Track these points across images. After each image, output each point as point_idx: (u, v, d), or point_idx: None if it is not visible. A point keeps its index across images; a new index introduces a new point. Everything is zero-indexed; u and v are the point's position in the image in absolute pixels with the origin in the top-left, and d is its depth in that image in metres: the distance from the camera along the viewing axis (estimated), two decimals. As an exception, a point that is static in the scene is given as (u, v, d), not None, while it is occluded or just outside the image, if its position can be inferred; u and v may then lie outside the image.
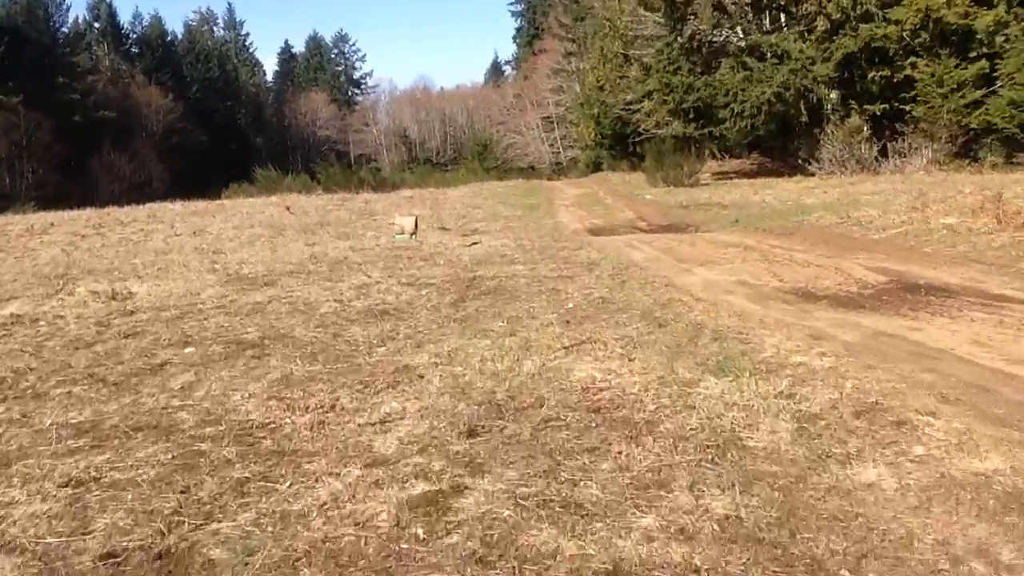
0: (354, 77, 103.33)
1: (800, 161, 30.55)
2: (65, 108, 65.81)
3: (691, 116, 28.53)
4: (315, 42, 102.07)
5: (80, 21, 74.21)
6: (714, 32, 30.12)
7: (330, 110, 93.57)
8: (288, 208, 25.26)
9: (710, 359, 5.03)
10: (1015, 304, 6.03)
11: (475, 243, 13.14)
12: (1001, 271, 7.51)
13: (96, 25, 75.01)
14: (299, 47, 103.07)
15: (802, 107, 27.23)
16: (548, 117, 68.93)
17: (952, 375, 4.30)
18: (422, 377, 5.44)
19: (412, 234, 15.50)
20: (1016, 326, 5.27)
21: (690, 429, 3.78)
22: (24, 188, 63.23)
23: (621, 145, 41.01)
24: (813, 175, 27.36)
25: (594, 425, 4.05)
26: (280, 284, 10.00)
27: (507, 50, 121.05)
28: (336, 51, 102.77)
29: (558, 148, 68.14)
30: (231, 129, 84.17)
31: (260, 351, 6.50)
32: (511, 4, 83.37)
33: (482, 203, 24.91)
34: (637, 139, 39.42)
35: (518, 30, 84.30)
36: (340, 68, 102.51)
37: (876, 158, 26.25)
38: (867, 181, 22.76)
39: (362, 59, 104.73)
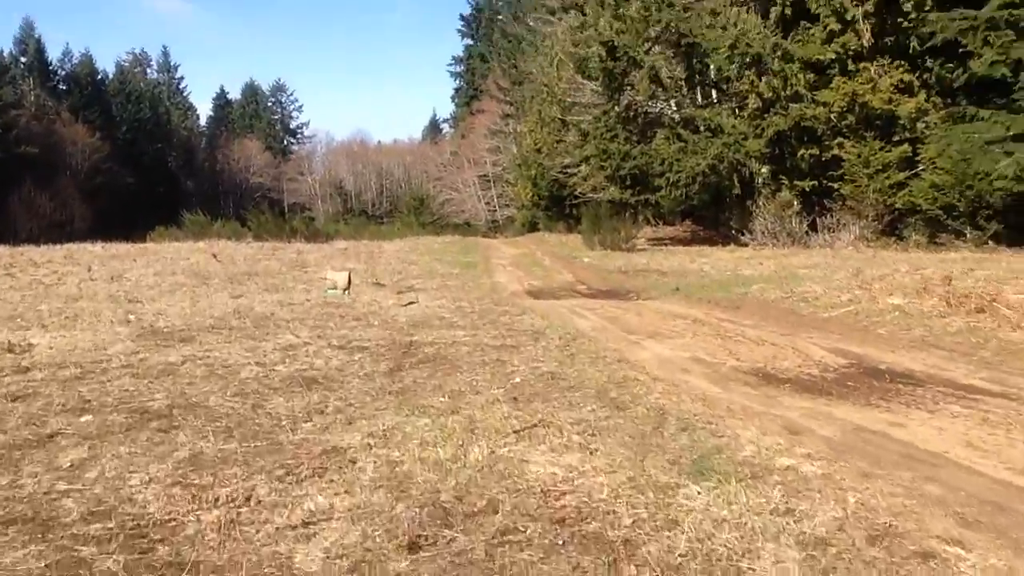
0: (290, 126, 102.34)
1: (732, 231, 30.92)
2: (-17, 142, 63.06)
3: (628, 183, 28.58)
4: (252, 89, 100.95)
5: (5, 54, 71.69)
6: (650, 103, 30.48)
7: (264, 158, 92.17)
8: (215, 256, 24.16)
9: (683, 456, 4.43)
10: (990, 397, 5.65)
11: (412, 302, 12.43)
12: (965, 359, 7.18)
13: (23, 59, 72.54)
14: (235, 94, 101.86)
15: (735, 179, 27.55)
16: (485, 175, 69.10)
17: (960, 488, 3.79)
18: (354, 463, 4.71)
19: (345, 290, 14.71)
20: (1004, 425, 4.85)
21: (679, 555, 3.15)
22: (-65, 222, 60.08)
23: (558, 206, 41.04)
24: (746, 245, 27.59)
25: (561, 543, 3.38)
26: (198, 341, 9.11)
27: (445, 109, 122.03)
28: (273, 100, 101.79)
29: (494, 206, 68.20)
30: (161, 172, 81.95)
31: (168, 423, 5.66)
32: (450, 65, 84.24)
33: (418, 259, 24.24)
34: (574, 201, 39.51)
35: (457, 90, 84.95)
36: (276, 117, 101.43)
37: (806, 232, 26.63)
38: (799, 254, 22.92)
39: (299, 109, 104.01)
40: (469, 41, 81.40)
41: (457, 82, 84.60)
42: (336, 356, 7.89)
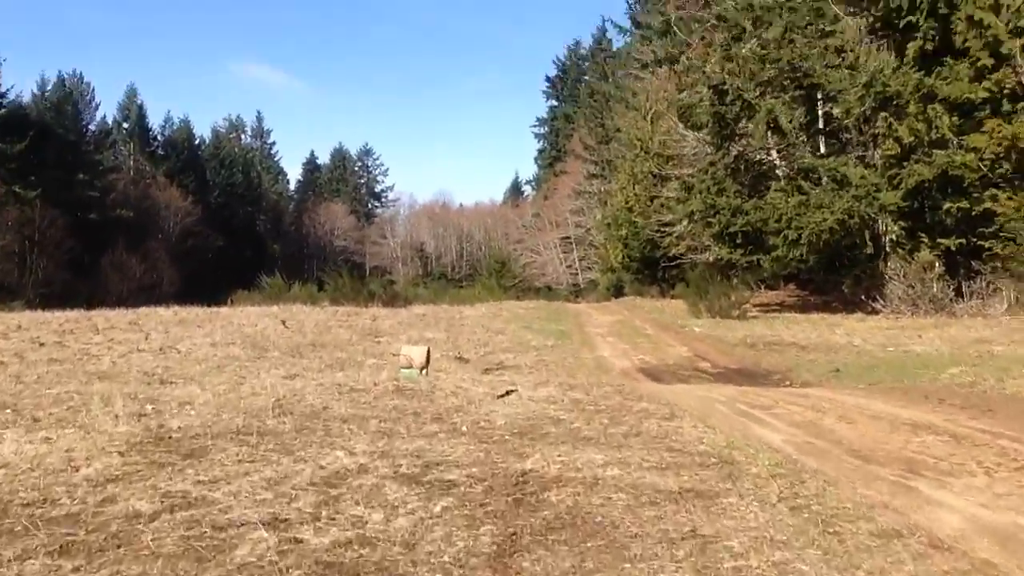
0: (375, 190, 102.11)
1: (855, 297, 26.96)
2: (82, 205, 63.59)
3: (738, 241, 25.07)
4: (340, 154, 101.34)
5: (109, 120, 73.12)
6: (761, 153, 27.12)
7: (349, 221, 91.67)
8: (284, 322, 21.55)
9: None
10: None
11: (509, 391, 9.22)
12: None
13: (125, 125, 73.81)
14: (324, 158, 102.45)
15: (866, 237, 23.75)
16: (567, 238, 66.30)
17: None
18: None
19: (423, 369, 11.64)
20: None
21: None
22: (32, 284, 60.27)
23: (649, 269, 37.68)
24: (876, 313, 23.64)
25: None
26: (208, 459, 6.10)
27: (528, 171, 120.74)
28: (359, 164, 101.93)
29: (576, 269, 65.16)
30: (249, 235, 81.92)
31: None
32: (534, 126, 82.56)
33: (504, 327, 21.15)
34: (667, 264, 36.08)
35: (540, 151, 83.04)
36: (362, 180, 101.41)
37: (951, 298, 22.56)
38: (953, 324, 19.01)
39: (384, 173, 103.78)
40: (554, 102, 79.77)
41: (541, 143, 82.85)
42: (404, 504, 4.72)
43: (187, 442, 6.83)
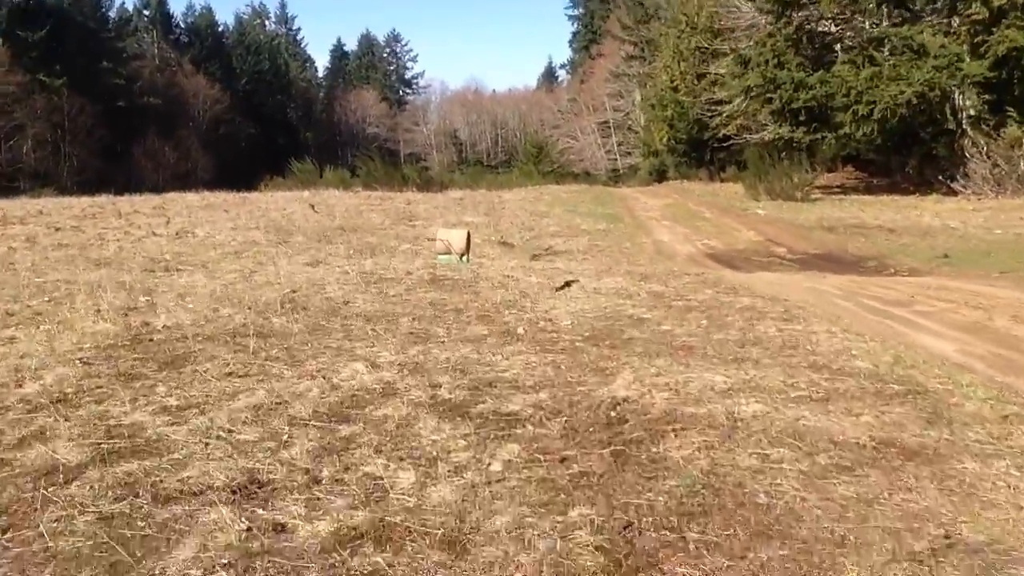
0: (405, 77, 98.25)
1: (925, 177, 24.58)
2: (110, 93, 61.56)
3: (801, 118, 22.59)
4: (367, 40, 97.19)
5: (128, 7, 70.03)
6: (826, 23, 24.23)
7: (380, 108, 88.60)
8: (312, 206, 19.90)
9: None
10: None
11: (569, 282, 7.49)
12: None
13: (145, 12, 70.68)
14: (351, 45, 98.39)
15: (947, 111, 21.20)
16: (605, 122, 63.11)
17: None
18: None
19: (463, 255, 9.97)
20: None
21: None
22: (66, 172, 59.24)
23: (697, 151, 35.14)
24: (954, 194, 21.38)
25: None
26: (187, 371, 4.55)
27: (562, 55, 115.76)
28: (388, 50, 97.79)
29: (615, 154, 62.26)
30: (280, 123, 79.48)
31: None
32: (568, 8, 77.74)
33: (548, 210, 19.30)
34: (717, 145, 33.55)
35: (575, 34, 78.48)
36: (392, 67, 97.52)
37: (1041, 177, 20.19)
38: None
39: (414, 59, 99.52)
40: (588, -19, 74.65)
41: (575, 26, 78.19)
42: (446, 455, 3.08)
43: (170, 346, 5.26)
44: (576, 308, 6.10)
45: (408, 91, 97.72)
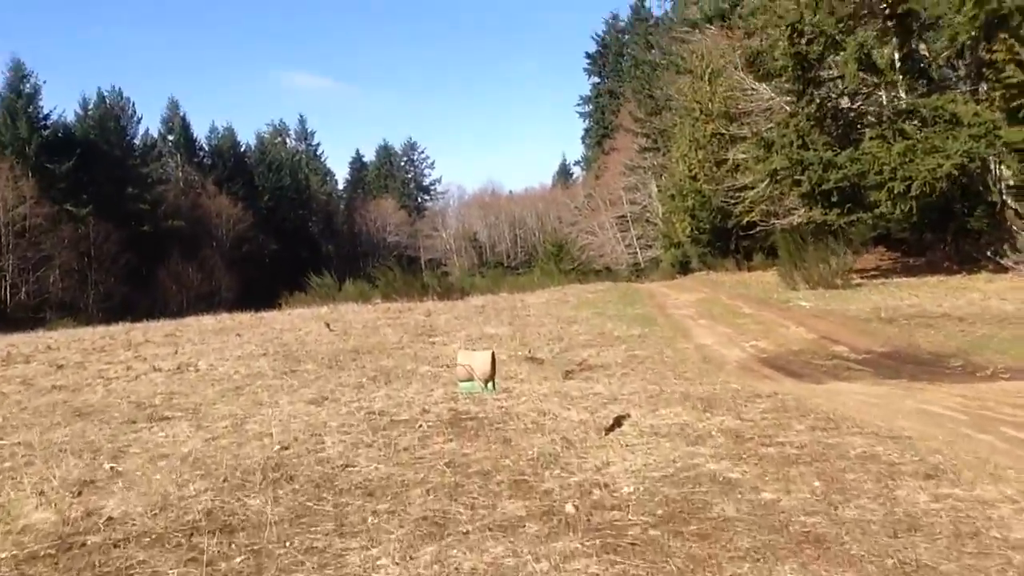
0: (423, 184, 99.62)
1: (964, 255, 23.20)
2: (135, 218, 62.37)
3: (833, 199, 21.46)
4: (385, 151, 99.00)
5: (153, 133, 71.77)
6: (847, 99, 23.45)
7: (400, 216, 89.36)
8: (328, 324, 18.78)
9: None
10: None
11: (620, 419, 6.10)
12: None
13: (170, 138, 72.37)
14: (369, 156, 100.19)
15: (989, 182, 19.99)
16: (623, 216, 62.65)
17: None
18: None
19: (487, 381, 8.63)
20: None
21: None
22: (92, 300, 59.29)
23: (721, 240, 34.05)
24: (1004, 270, 19.94)
25: None
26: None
27: (575, 152, 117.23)
28: (405, 159, 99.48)
29: (635, 248, 61.51)
30: (302, 237, 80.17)
31: None
32: (578, 106, 78.76)
33: (575, 314, 18.02)
34: (743, 233, 32.48)
35: (587, 131, 79.28)
36: (409, 175, 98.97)
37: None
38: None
39: (431, 166, 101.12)
40: (596, 79, 75.86)
41: (586, 122, 79.06)
42: None
43: (103, 556, 3.92)
44: (637, 464, 4.70)
45: (426, 197, 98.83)
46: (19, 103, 57.79)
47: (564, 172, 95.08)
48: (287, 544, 3.85)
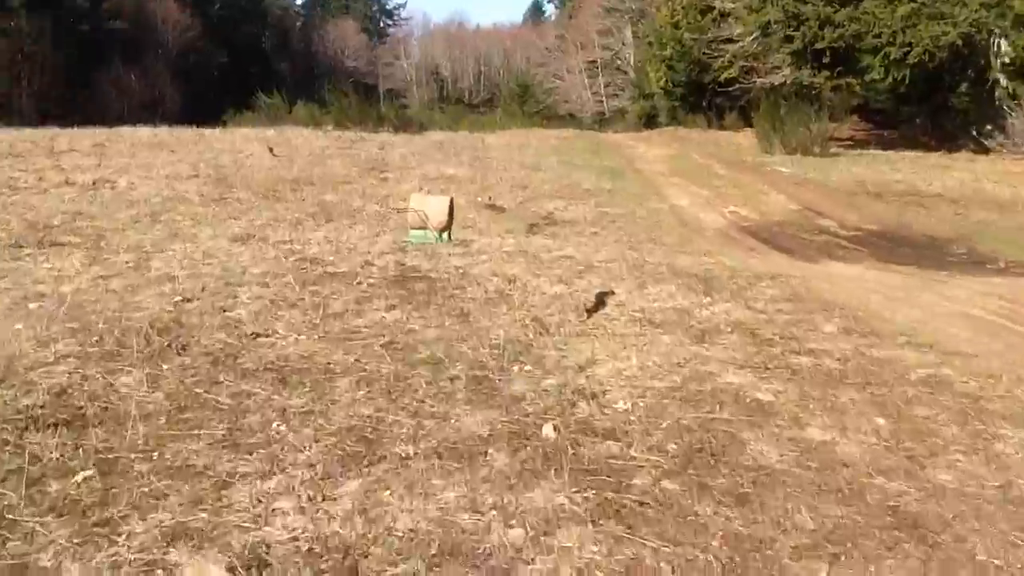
0: (387, 7, 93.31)
1: (943, 132, 22.19)
2: (72, 15, 57.02)
3: (825, 60, 19.93)
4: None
5: (95, -78, 64.37)
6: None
7: (360, 40, 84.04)
8: (271, 149, 17.07)
9: None
10: None
11: (602, 296, 4.97)
12: None
13: (112, -73, 65.17)
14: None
15: (991, 58, 18.63)
16: (593, 62, 59.62)
17: None
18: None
19: (443, 231, 7.41)
20: None
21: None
22: (24, 99, 55.09)
23: (695, 96, 32.29)
24: (986, 152, 19.05)
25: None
26: None
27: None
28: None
29: (602, 96, 59.04)
30: (254, 52, 74.75)
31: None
32: (558, -62, 73.00)
33: (540, 161, 16.65)
34: (718, 89, 30.74)
35: (565, -35, 73.95)
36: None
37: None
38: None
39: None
40: (580, -91, 69.93)
41: (565, -43, 73.57)
42: None
43: None
44: (631, 365, 3.61)
45: (389, 23, 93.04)
46: None
47: (536, 9, 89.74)
48: (152, 458, 2.71)
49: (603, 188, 12.50)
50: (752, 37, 23.37)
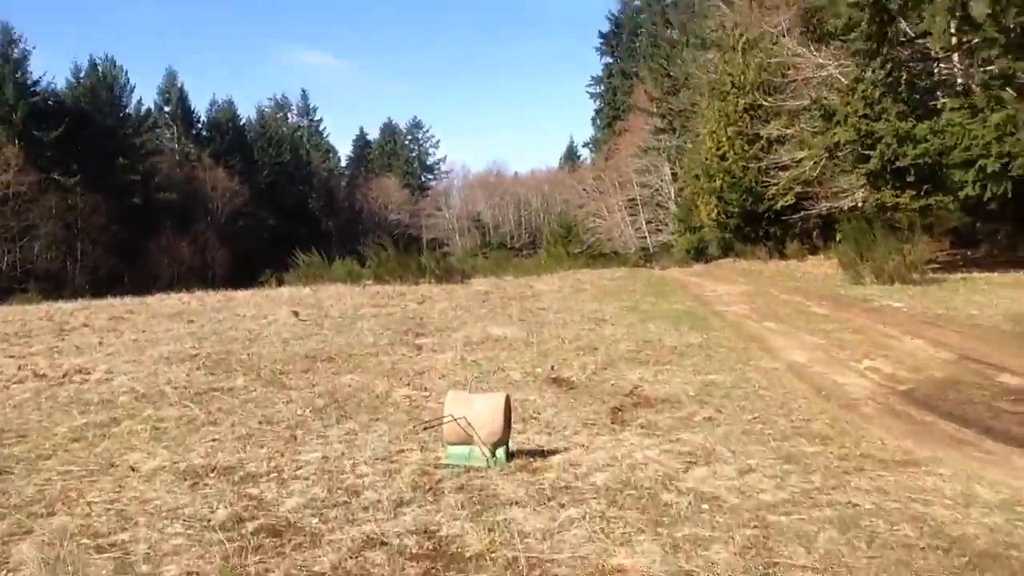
0: (427, 163, 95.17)
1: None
2: (126, 190, 58.29)
3: (909, 178, 17.54)
4: (389, 129, 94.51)
5: (149, 105, 67.25)
6: (916, 63, 19.44)
7: (402, 195, 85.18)
8: (296, 313, 14.91)
9: None
10: None
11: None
12: None
13: (166, 108, 67.93)
14: (374, 134, 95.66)
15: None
16: (633, 199, 58.63)
17: None
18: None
19: (495, 448, 4.78)
20: None
21: None
22: (78, 272, 55.40)
23: (750, 225, 30.06)
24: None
25: None
26: None
27: (584, 133, 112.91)
28: (409, 137, 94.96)
29: (644, 232, 57.51)
30: (302, 213, 75.83)
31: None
32: (589, 86, 74.20)
33: (600, 308, 14.17)
34: (773, 217, 28.59)
35: (598, 111, 74.78)
36: (413, 154, 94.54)
37: None
38: None
39: (435, 145, 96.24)
40: (609, 59, 71.39)
41: (597, 103, 74.47)
42: None
43: None
44: None
45: (430, 176, 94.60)
46: (6, 68, 53.68)
47: (571, 154, 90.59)
48: None
49: (691, 343, 9.85)
50: (814, 161, 21.20)
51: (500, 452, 4.79)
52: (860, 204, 20.72)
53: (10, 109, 53.24)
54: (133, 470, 5.03)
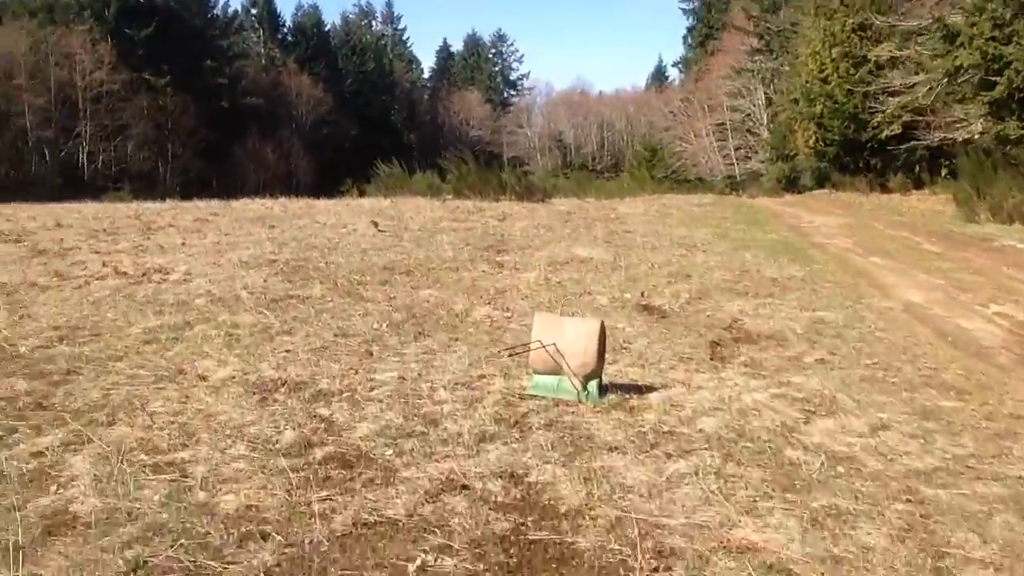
0: (510, 78, 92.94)
1: None
2: (213, 92, 58.77)
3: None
4: (473, 41, 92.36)
5: (236, 6, 67.24)
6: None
7: (484, 110, 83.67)
8: (376, 224, 14.58)
9: None
10: None
11: None
12: None
13: (253, 11, 67.75)
14: (457, 46, 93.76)
15: None
16: (722, 124, 55.98)
17: None
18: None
19: (588, 380, 4.27)
20: None
21: None
22: (169, 173, 56.80)
23: (850, 155, 28.18)
24: None
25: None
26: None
27: (673, 52, 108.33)
28: (494, 51, 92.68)
29: (732, 159, 55.12)
30: (384, 124, 75.52)
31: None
32: (682, 2, 70.40)
33: (690, 234, 13.37)
34: (875, 147, 26.68)
35: (690, 29, 71.06)
36: (497, 68, 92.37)
37: None
38: None
39: (519, 60, 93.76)
40: (706, -28, 67.32)
41: (690, 20, 70.76)
42: None
43: None
44: None
45: (513, 93, 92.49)
46: (99, -34, 54.07)
47: (659, 75, 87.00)
48: None
49: (792, 275, 9.07)
50: (929, 87, 19.41)
51: (592, 386, 4.29)
52: (977, 136, 18.96)
53: (103, 5, 53.85)
54: (202, 379, 4.75)
